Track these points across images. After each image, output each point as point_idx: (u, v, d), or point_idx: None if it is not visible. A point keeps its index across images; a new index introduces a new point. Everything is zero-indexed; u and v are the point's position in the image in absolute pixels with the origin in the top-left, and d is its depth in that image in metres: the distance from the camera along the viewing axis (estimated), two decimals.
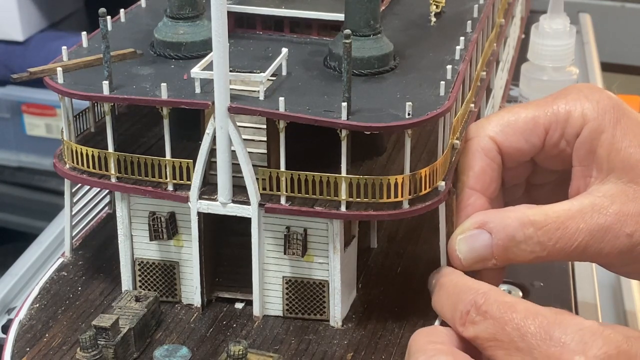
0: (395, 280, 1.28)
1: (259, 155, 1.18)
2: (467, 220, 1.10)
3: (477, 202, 1.13)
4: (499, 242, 1.05)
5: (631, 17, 2.92)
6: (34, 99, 2.79)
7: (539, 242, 1.04)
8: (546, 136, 1.11)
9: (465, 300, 1.01)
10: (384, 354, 1.14)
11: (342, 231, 1.16)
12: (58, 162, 1.23)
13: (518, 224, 1.05)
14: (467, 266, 1.09)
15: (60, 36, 2.77)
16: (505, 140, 1.12)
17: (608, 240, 1.03)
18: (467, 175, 1.14)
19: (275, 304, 1.21)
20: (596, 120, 1.08)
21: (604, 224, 1.03)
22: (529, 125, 1.12)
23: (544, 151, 1.12)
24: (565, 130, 1.10)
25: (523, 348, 0.94)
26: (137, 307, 1.15)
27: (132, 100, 1.16)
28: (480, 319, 0.98)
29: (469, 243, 1.08)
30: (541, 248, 1.04)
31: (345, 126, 1.09)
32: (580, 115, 1.09)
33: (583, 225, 1.03)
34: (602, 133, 1.07)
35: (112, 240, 1.28)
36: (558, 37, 1.64)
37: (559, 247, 1.03)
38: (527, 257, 1.05)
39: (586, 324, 0.94)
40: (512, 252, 1.05)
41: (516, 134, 1.12)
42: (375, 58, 1.20)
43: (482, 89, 1.43)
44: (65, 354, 1.13)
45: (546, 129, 1.11)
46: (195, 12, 1.26)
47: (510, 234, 1.05)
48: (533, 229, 1.04)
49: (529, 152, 1.13)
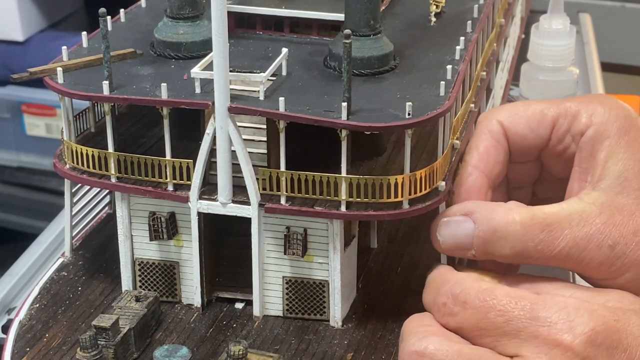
0: (395, 281, 1.28)
1: (259, 156, 1.18)
2: (455, 206, 1.09)
3: (477, 181, 1.11)
4: (480, 233, 1.04)
5: (631, 17, 2.91)
6: (34, 99, 2.79)
7: (520, 241, 1.03)
8: (553, 129, 1.11)
9: (441, 292, 1.01)
10: (384, 353, 1.14)
11: (342, 231, 1.16)
12: (58, 162, 1.23)
13: (503, 219, 1.03)
14: (445, 250, 1.09)
15: (60, 36, 2.76)
16: (513, 127, 1.12)
17: (589, 250, 1.01)
18: (472, 154, 1.13)
19: (275, 304, 1.21)
20: (604, 124, 1.07)
21: (588, 232, 1.01)
22: (537, 115, 1.11)
23: (549, 146, 1.12)
24: (572, 126, 1.09)
25: (509, 332, 0.94)
26: (137, 307, 1.15)
27: (132, 100, 1.16)
28: (459, 309, 0.98)
29: (452, 228, 1.07)
30: (522, 247, 1.03)
31: (345, 126, 1.09)
32: (589, 116, 1.08)
33: (568, 232, 1.02)
34: (606, 139, 1.07)
35: (112, 240, 1.28)
36: (558, 37, 1.63)
37: (540, 249, 1.02)
38: (505, 254, 1.04)
39: (570, 302, 0.95)
40: (491, 246, 1.04)
41: (523, 122, 1.11)
42: (376, 58, 1.20)
43: (482, 89, 1.43)
44: (65, 354, 1.13)
45: (554, 122, 1.11)
46: (195, 12, 1.26)
47: (492, 227, 1.03)
48: (517, 227, 1.03)
49: (534, 144, 1.12)
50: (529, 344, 0.93)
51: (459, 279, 1.01)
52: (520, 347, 0.94)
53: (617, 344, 0.92)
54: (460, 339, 0.97)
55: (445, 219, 1.08)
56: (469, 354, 0.95)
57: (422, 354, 0.95)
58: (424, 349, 0.95)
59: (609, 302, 0.97)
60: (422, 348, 0.95)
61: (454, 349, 0.95)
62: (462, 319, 0.98)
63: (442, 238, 1.07)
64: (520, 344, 0.94)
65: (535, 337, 0.93)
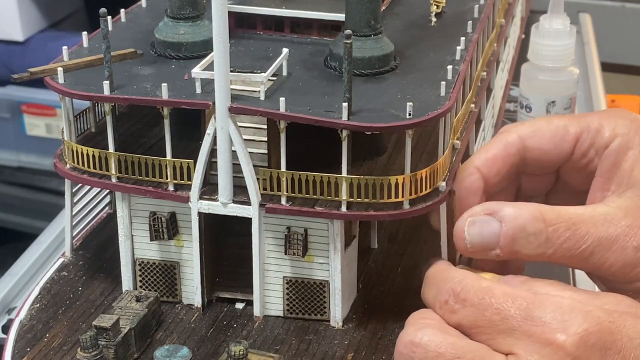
0: (396, 281, 1.28)
1: (259, 156, 1.18)
2: (477, 206, 1.09)
3: (475, 182, 1.12)
4: (509, 231, 1.04)
5: (631, 17, 2.92)
6: (34, 99, 2.79)
7: (547, 239, 1.04)
8: (576, 144, 1.12)
9: (443, 289, 1.02)
10: (385, 354, 1.14)
11: (342, 231, 1.16)
12: (59, 162, 1.23)
13: (530, 216, 1.04)
14: (471, 251, 1.09)
15: (60, 36, 2.76)
16: (535, 142, 1.13)
17: (614, 251, 1.02)
18: (479, 156, 1.13)
19: (276, 304, 1.21)
20: (627, 136, 1.09)
21: (613, 233, 1.03)
22: (560, 131, 1.12)
23: (572, 160, 1.13)
24: (595, 140, 1.10)
25: (504, 330, 0.96)
26: (138, 307, 1.15)
27: (132, 100, 1.16)
28: (460, 307, 1.00)
29: (478, 227, 1.07)
30: (548, 245, 1.04)
31: (346, 126, 1.09)
32: (612, 129, 1.10)
33: (593, 231, 1.03)
34: (630, 149, 1.08)
35: (113, 240, 1.28)
36: (558, 37, 1.63)
37: (566, 247, 1.03)
38: (533, 252, 1.05)
39: (565, 302, 0.95)
40: (519, 243, 1.05)
41: (547, 138, 1.12)
42: (376, 58, 1.20)
43: (483, 89, 1.44)
44: (65, 354, 1.13)
45: (577, 137, 1.12)
46: (195, 12, 1.26)
47: (521, 225, 1.04)
48: (544, 224, 1.04)
49: (557, 159, 1.13)
50: (522, 343, 0.94)
51: (460, 277, 1.02)
52: (514, 345, 0.95)
53: (611, 345, 0.93)
54: (457, 333, 0.98)
55: (470, 219, 1.08)
56: (463, 347, 0.96)
57: (417, 344, 0.97)
58: (419, 339, 0.97)
59: (605, 304, 0.98)
60: (417, 339, 0.97)
61: (449, 342, 0.96)
62: (461, 316, 0.99)
63: (470, 237, 1.07)
64: (514, 342, 0.95)
65: (529, 336, 0.94)
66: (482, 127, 1.51)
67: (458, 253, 1.16)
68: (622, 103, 2.30)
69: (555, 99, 1.65)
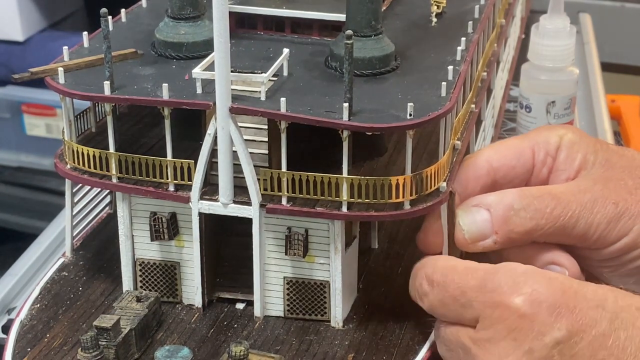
0: (396, 281, 1.28)
1: (260, 156, 1.18)
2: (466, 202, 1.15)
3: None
4: (499, 212, 1.10)
5: (631, 17, 2.91)
6: (34, 99, 2.79)
7: (536, 209, 1.09)
8: (533, 155, 1.19)
9: (418, 275, 1.08)
10: (385, 354, 1.14)
11: (343, 232, 1.16)
12: (59, 162, 1.23)
13: (515, 194, 1.11)
14: (470, 241, 1.13)
15: (60, 36, 2.76)
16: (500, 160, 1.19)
17: (598, 211, 1.08)
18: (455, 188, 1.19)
19: (276, 305, 1.21)
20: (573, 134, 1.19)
21: (591, 197, 1.10)
22: (517, 146, 1.20)
23: (534, 172, 1.19)
24: (547, 148, 1.18)
25: (465, 303, 1.00)
26: (138, 308, 1.15)
27: (133, 100, 1.16)
28: (430, 288, 1.05)
29: (471, 216, 1.12)
30: (538, 215, 1.09)
31: (346, 127, 1.09)
32: (558, 134, 1.19)
33: (573, 199, 1.09)
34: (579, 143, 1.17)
35: (113, 241, 1.28)
36: (558, 37, 1.63)
37: (555, 215, 1.08)
38: (526, 226, 1.09)
39: (519, 268, 0.99)
40: (512, 221, 1.10)
41: (509, 154, 1.19)
42: (377, 59, 1.20)
43: (483, 89, 1.44)
44: (66, 355, 1.13)
45: (532, 149, 1.19)
46: (196, 12, 1.26)
47: (508, 204, 1.10)
48: (529, 198, 1.10)
49: (522, 171, 1.19)
50: (480, 310, 0.98)
51: (434, 262, 1.08)
52: (476, 315, 0.99)
53: (562, 303, 0.95)
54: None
55: (461, 211, 1.14)
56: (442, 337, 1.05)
57: None
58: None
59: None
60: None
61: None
62: (432, 297, 1.05)
63: (466, 227, 1.12)
64: (475, 313, 0.99)
65: (485, 305, 0.98)
66: (483, 128, 1.51)
67: (459, 253, 1.16)
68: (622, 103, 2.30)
69: (555, 99, 1.65)
